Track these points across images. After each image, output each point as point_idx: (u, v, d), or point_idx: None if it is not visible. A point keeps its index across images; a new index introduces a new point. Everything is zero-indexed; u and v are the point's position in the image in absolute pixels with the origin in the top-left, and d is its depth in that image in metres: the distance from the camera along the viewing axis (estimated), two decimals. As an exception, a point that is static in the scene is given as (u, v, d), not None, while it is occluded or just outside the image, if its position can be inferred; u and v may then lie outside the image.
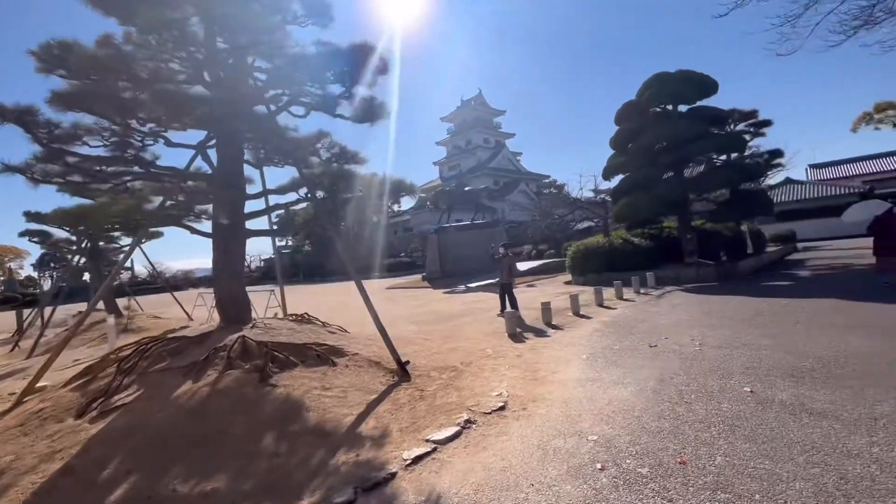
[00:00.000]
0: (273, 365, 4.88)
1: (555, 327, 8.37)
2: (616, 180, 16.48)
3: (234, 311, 6.56)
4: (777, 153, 19.36)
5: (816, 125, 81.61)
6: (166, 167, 6.98)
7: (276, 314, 10.07)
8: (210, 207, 7.76)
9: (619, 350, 6.05)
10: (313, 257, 64.47)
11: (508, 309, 9.76)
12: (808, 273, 13.12)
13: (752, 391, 4.01)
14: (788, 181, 36.52)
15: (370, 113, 7.95)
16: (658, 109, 15.74)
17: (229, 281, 6.67)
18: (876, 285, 9.08)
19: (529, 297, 13.91)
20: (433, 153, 78.73)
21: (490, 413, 4.12)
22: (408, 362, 5.63)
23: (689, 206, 15.27)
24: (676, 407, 3.83)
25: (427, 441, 3.61)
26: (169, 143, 6.88)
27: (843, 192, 33.06)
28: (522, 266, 24.49)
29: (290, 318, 7.73)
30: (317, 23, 7.31)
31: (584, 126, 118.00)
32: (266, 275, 68.79)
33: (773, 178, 23.41)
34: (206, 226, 7.24)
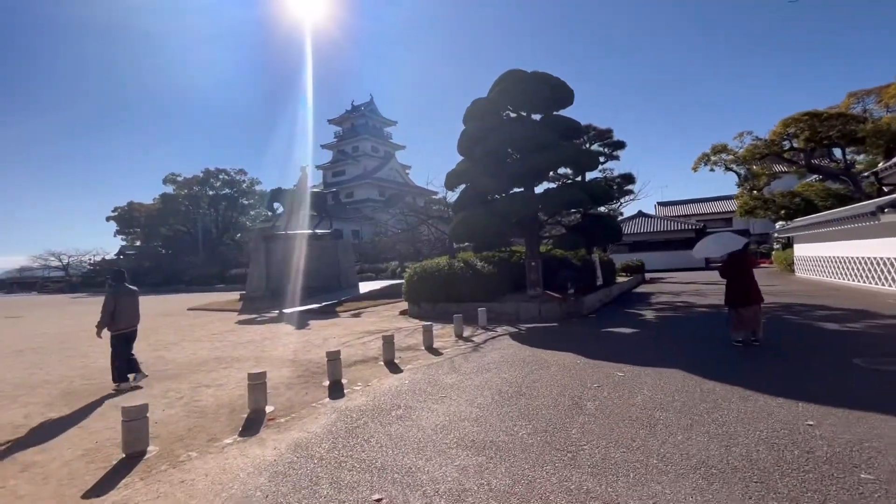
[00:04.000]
0: None
1: (247, 431, 4.46)
2: (459, 191, 13.64)
3: None
4: (629, 178, 18.69)
5: (669, 161, 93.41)
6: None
7: None
8: None
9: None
10: (167, 262, 54.70)
11: (129, 384, 5.74)
12: (653, 315, 11.42)
13: None
14: (641, 214, 39.06)
15: None
16: (512, 114, 13.38)
17: None
18: (725, 342, 7.04)
19: (327, 336, 10.08)
20: (318, 155, 72.45)
21: None
22: None
23: (538, 228, 12.98)
24: None
25: None
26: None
27: (683, 227, 36.05)
28: (366, 287, 20.74)
29: None
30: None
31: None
32: (88, 282, 56.21)
33: (626, 206, 23.48)
34: None
